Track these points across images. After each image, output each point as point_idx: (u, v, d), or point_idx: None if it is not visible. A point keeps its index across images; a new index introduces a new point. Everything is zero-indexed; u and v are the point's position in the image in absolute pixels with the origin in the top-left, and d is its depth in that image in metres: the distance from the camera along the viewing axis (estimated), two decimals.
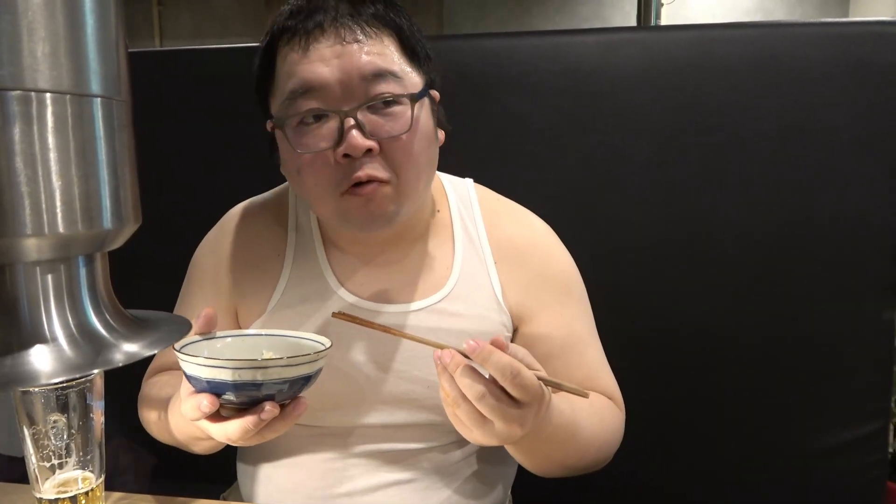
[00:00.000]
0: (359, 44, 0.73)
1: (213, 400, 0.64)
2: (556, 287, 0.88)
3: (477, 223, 0.89)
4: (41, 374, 0.33)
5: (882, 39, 1.07)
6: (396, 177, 0.75)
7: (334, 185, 0.75)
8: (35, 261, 0.34)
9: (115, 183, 0.36)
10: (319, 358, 0.66)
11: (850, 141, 1.09)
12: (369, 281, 0.86)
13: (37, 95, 0.32)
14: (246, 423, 0.63)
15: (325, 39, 0.73)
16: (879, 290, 1.11)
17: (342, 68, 0.72)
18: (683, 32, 1.15)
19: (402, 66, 0.76)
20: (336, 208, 0.77)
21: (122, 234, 0.38)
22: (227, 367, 0.61)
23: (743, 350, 1.15)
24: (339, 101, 0.73)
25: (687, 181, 1.13)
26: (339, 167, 0.74)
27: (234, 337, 0.74)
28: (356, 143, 0.72)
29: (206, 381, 0.63)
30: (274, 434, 0.67)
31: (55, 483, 0.68)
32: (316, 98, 0.73)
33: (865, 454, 1.15)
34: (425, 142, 0.78)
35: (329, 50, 0.73)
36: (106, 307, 0.37)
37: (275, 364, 0.62)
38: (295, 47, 0.74)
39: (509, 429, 0.63)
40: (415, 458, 0.86)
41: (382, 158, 0.74)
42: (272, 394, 0.64)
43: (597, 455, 0.83)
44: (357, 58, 0.73)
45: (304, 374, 0.65)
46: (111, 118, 0.35)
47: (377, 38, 0.74)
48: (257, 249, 0.89)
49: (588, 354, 0.89)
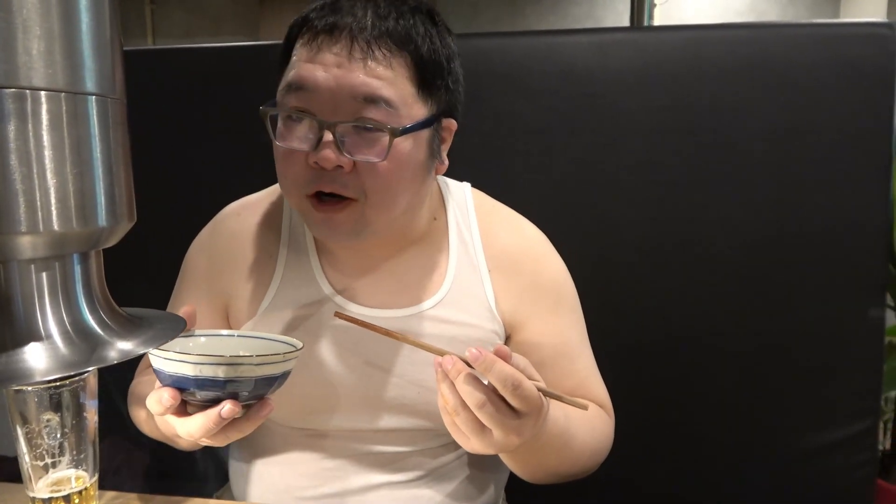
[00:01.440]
0: (364, 62, 0.71)
1: (175, 394, 0.63)
2: (548, 296, 0.88)
3: (472, 231, 0.89)
4: (36, 371, 0.33)
5: (872, 40, 1.08)
6: (364, 197, 0.74)
7: (303, 184, 0.75)
8: (30, 258, 0.34)
9: (109, 181, 0.36)
10: (286, 360, 0.65)
11: (841, 141, 1.10)
12: (361, 285, 0.86)
13: (31, 93, 0.32)
14: (207, 421, 0.63)
15: (335, 46, 0.72)
16: (869, 289, 1.12)
17: (338, 80, 0.71)
18: (676, 33, 1.16)
19: (405, 94, 0.73)
20: (300, 206, 0.77)
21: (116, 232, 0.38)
22: (189, 363, 0.61)
23: (733, 349, 1.16)
24: (326, 111, 0.72)
25: (679, 181, 1.14)
26: (310, 169, 0.74)
27: (210, 336, 0.73)
28: (328, 157, 0.71)
29: (168, 375, 0.62)
30: (239, 434, 0.66)
31: (48, 482, 0.68)
32: (304, 99, 0.73)
33: (855, 452, 1.15)
34: (405, 172, 0.75)
35: (334, 57, 0.71)
36: (101, 305, 0.38)
37: (238, 362, 0.61)
38: (306, 43, 0.74)
39: (507, 438, 0.64)
40: (407, 461, 0.86)
41: (353, 177, 0.73)
42: (235, 392, 0.63)
43: (587, 463, 0.84)
44: (355, 76, 0.71)
45: (269, 375, 0.63)
46: (106, 116, 0.35)
47: (386, 61, 0.72)
48: (249, 250, 0.89)
49: (579, 363, 0.89)
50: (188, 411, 0.65)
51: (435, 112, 0.77)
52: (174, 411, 0.65)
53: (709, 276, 1.15)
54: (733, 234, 1.13)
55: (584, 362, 0.90)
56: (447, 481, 0.88)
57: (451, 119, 0.81)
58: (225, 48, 1.27)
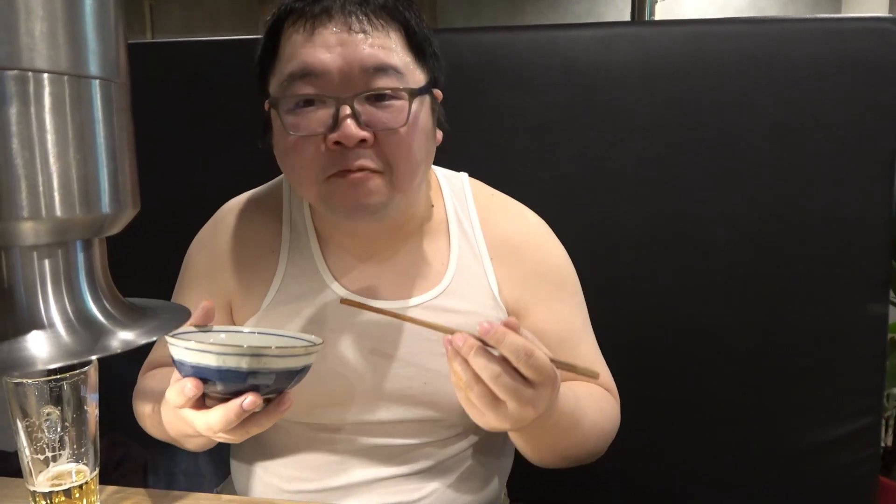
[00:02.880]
0: (365, 34, 0.72)
1: (198, 384, 0.62)
2: (551, 282, 0.88)
3: (472, 219, 0.89)
4: (38, 359, 0.33)
5: (874, 35, 1.08)
6: (390, 169, 0.74)
7: (321, 169, 0.74)
8: (32, 245, 0.33)
9: (113, 167, 0.35)
10: (308, 353, 0.65)
11: (843, 137, 1.09)
12: (364, 277, 0.85)
13: (34, 75, 0.31)
14: (227, 413, 0.62)
15: (332, 25, 0.72)
16: (871, 286, 1.12)
17: (345, 57, 0.71)
18: (678, 28, 1.15)
19: (406, 61, 0.75)
20: (320, 193, 0.76)
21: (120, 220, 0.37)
22: (213, 353, 0.61)
23: (735, 346, 1.15)
24: (338, 89, 0.72)
25: (680, 176, 1.13)
26: (329, 154, 0.72)
27: (230, 332, 0.73)
28: (350, 132, 0.70)
29: (191, 365, 0.62)
30: (257, 429, 0.66)
31: (49, 476, 0.67)
32: (315, 83, 0.72)
33: (858, 449, 1.15)
34: (422, 138, 0.76)
35: (334, 36, 0.71)
36: (104, 293, 0.37)
37: (261, 353, 0.62)
38: (300, 29, 0.73)
39: (522, 410, 0.63)
40: (410, 453, 0.86)
41: (376, 150, 0.73)
42: (257, 384, 0.63)
43: (595, 445, 0.83)
44: (361, 49, 0.71)
45: (291, 368, 0.64)
46: (110, 101, 0.34)
47: (384, 31, 0.73)
48: (251, 246, 0.88)
49: (582, 347, 0.89)
50: (207, 405, 0.65)
51: (430, 80, 0.78)
52: (193, 405, 0.64)
53: (710, 272, 1.14)
54: (735, 230, 1.13)
55: (588, 347, 0.90)
56: (452, 474, 0.88)
57: (438, 90, 0.82)
58: (224, 41, 1.26)
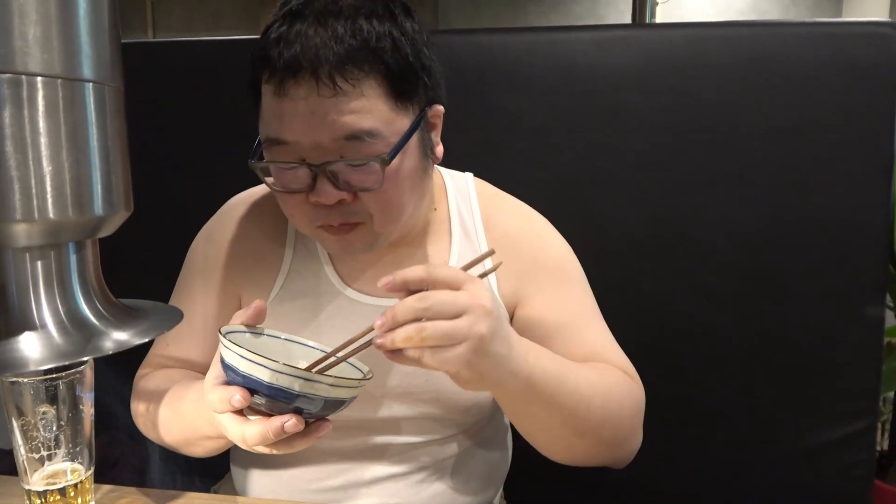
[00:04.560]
0: (335, 98, 0.69)
1: (247, 396, 0.61)
2: (550, 271, 0.88)
3: (475, 218, 0.90)
4: (30, 360, 0.33)
5: (875, 40, 1.08)
6: (371, 219, 0.76)
7: (310, 220, 0.76)
8: (25, 247, 0.33)
9: (106, 169, 0.35)
10: (359, 385, 0.64)
11: (843, 140, 1.09)
12: (367, 275, 0.86)
13: (27, 79, 0.31)
14: (266, 430, 0.61)
15: (300, 88, 0.69)
16: (869, 288, 1.12)
17: (314, 127, 0.70)
18: (678, 31, 1.15)
19: (384, 115, 0.71)
20: (313, 235, 0.80)
21: (113, 221, 0.37)
22: (268, 368, 0.59)
23: (732, 348, 1.15)
24: (312, 155, 0.72)
25: (679, 179, 1.13)
26: (313, 208, 0.74)
27: (285, 340, 0.72)
28: (327, 194, 0.72)
29: (241, 374, 0.60)
30: (289, 450, 0.65)
31: (44, 475, 0.67)
32: (290, 150, 0.72)
33: (853, 452, 1.15)
34: (405, 185, 0.76)
35: (303, 102, 0.69)
36: (96, 295, 0.37)
37: (315, 379, 0.60)
38: (273, 86, 0.71)
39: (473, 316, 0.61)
40: (410, 452, 0.86)
41: (357, 205, 0.74)
42: (302, 408, 0.61)
43: (605, 414, 0.78)
44: (330, 118, 0.69)
45: (338, 398, 0.63)
46: (103, 104, 0.35)
47: (356, 89, 0.69)
48: (257, 240, 0.89)
49: (588, 333, 0.87)
50: (245, 413, 0.64)
51: (418, 113, 0.75)
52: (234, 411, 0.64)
53: (708, 274, 1.14)
54: (733, 233, 1.13)
55: (595, 333, 0.88)
56: (450, 474, 0.88)
57: (437, 105, 0.79)
58: (225, 41, 1.26)
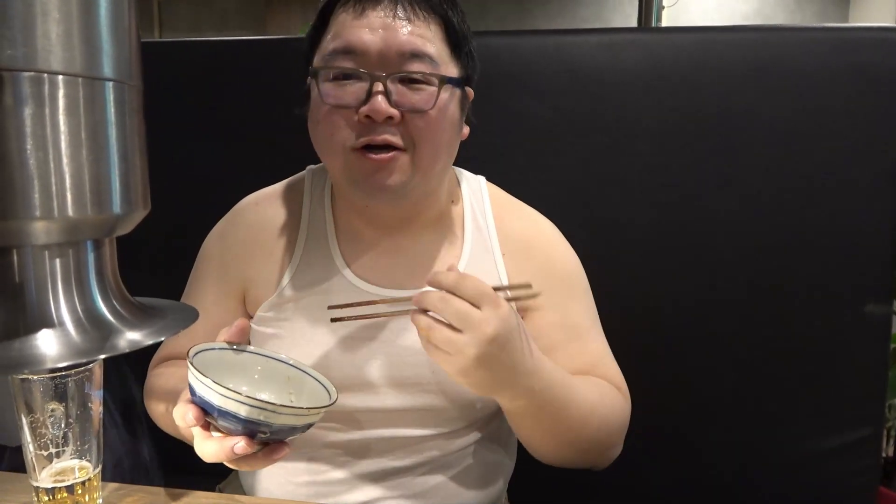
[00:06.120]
0: (407, 21, 0.77)
1: (199, 416, 0.64)
2: (559, 281, 0.90)
3: (487, 217, 0.91)
4: (47, 357, 0.33)
5: (882, 45, 1.08)
6: (413, 147, 0.78)
7: (349, 139, 0.78)
8: (44, 244, 0.34)
9: (125, 168, 0.35)
10: (311, 415, 0.65)
11: (849, 145, 1.09)
12: (378, 266, 0.87)
13: (49, 77, 0.31)
14: (220, 450, 0.64)
15: (379, 9, 0.77)
16: (875, 294, 1.12)
17: (385, 40, 0.76)
18: (685, 35, 1.15)
19: (442, 52, 0.79)
20: (345, 164, 0.79)
21: (130, 220, 0.38)
22: (215, 391, 0.61)
23: (737, 353, 1.15)
24: (374, 67, 0.76)
25: (685, 183, 1.13)
26: (358, 125, 0.77)
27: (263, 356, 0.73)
28: (379, 107, 0.75)
29: (197, 395, 0.63)
30: (248, 468, 0.67)
31: (52, 472, 0.68)
32: (354, 60, 0.77)
33: (858, 459, 1.15)
34: (447, 124, 0.80)
35: (378, 20, 0.77)
36: (113, 293, 0.37)
37: (262, 406, 0.61)
38: (349, 10, 0.78)
39: (478, 331, 0.66)
40: (415, 446, 0.87)
41: (402, 128, 0.77)
42: (254, 431, 0.63)
43: (597, 434, 0.83)
44: (401, 34, 0.76)
45: (292, 424, 0.64)
46: (122, 102, 0.35)
47: (425, 22, 0.78)
48: (268, 237, 0.90)
49: (590, 346, 0.90)
50: (209, 430, 0.67)
51: (463, 75, 0.82)
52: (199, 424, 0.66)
53: (714, 279, 1.14)
54: (739, 238, 1.13)
55: (596, 346, 0.91)
56: (456, 470, 0.88)
57: (469, 88, 0.85)
58: (231, 42, 1.27)
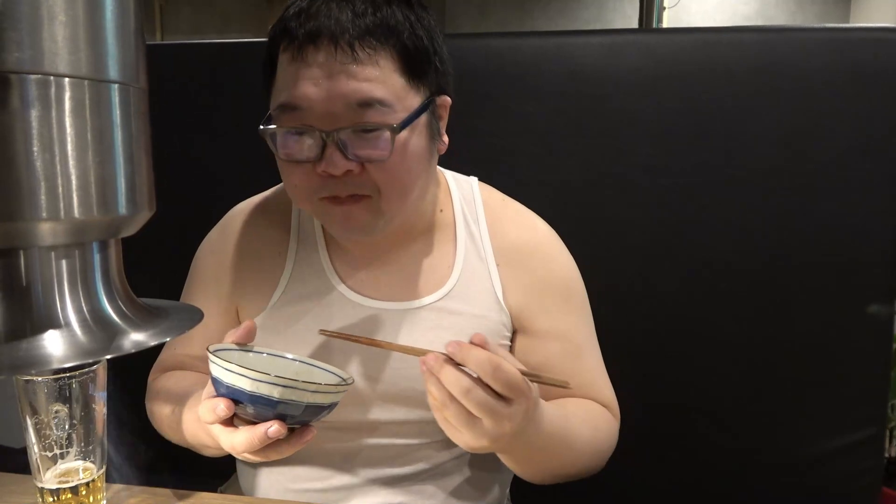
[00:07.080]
0: (353, 63, 0.71)
1: (230, 405, 0.65)
2: (557, 292, 0.88)
3: (480, 223, 0.89)
4: (53, 358, 0.33)
5: (883, 46, 1.08)
6: (378, 193, 0.76)
7: (313, 192, 0.76)
8: (50, 245, 0.34)
9: (130, 169, 0.36)
10: (338, 391, 0.68)
11: (850, 146, 1.09)
12: (370, 278, 0.86)
13: (55, 80, 0.32)
14: (252, 437, 0.65)
15: (318, 55, 0.71)
16: (877, 294, 1.12)
17: (329, 91, 0.71)
18: (686, 35, 1.15)
19: (396, 89, 0.73)
20: (314, 210, 0.79)
21: (136, 221, 0.38)
22: (248, 377, 0.63)
23: (739, 353, 1.15)
24: (323, 122, 0.72)
25: (686, 184, 1.14)
26: (319, 179, 0.75)
27: (272, 356, 0.75)
28: (336, 163, 0.72)
29: (225, 385, 0.65)
30: (277, 456, 0.68)
31: (56, 473, 0.68)
32: (301, 116, 0.73)
33: (861, 459, 1.15)
34: (412, 163, 0.77)
35: (319, 69, 0.71)
36: (119, 294, 0.38)
37: (293, 385, 0.64)
38: (291, 57, 0.73)
39: (498, 426, 0.64)
40: (412, 454, 0.87)
41: (364, 177, 0.74)
42: (284, 414, 0.65)
43: (589, 462, 0.84)
44: (345, 83, 0.71)
45: (320, 403, 0.66)
46: (128, 105, 0.35)
47: (372, 60, 0.72)
48: (259, 248, 0.90)
49: (586, 362, 0.89)
50: (234, 424, 0.68)
51: (428, 95, 0.77)
52: (222, 423, 0.67)
53: (715, 280, 1.14)
54: (740, 239, 1.13)
55: (592, 363, 0.90)
56: (452, 477, 0.88)
57: (445, 96, 0.81)
58: (233, 44, 1.27)
